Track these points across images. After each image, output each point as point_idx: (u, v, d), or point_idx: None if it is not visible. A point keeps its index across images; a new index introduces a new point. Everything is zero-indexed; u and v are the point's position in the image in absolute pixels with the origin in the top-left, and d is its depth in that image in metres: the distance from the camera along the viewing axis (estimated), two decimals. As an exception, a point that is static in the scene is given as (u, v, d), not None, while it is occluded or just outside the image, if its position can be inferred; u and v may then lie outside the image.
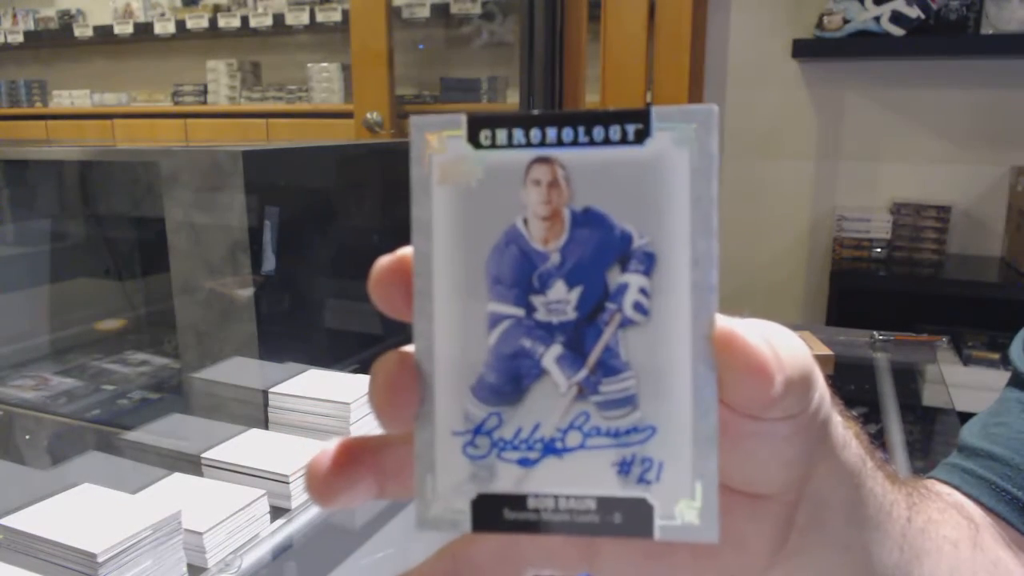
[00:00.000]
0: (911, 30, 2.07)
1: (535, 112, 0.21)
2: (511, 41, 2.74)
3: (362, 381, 0.92)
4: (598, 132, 0.21)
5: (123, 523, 0.62)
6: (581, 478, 0.21)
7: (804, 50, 2.21)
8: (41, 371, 1.33)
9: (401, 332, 0.24)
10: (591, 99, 2.25)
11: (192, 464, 0.80)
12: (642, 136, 0.20)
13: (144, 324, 1.57)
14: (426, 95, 3.04)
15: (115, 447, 0.91)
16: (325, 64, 3.18)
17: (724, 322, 0.21)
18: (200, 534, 0.67)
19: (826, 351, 1.14)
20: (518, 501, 0.21)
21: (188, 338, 1.10)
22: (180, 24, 3.40)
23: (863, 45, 2.15)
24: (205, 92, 3.48)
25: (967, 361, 1.97)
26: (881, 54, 2.23)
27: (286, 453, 0.80)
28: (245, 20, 3.28)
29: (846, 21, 2.13)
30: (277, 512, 0.76)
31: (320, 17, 3.13)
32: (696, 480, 0.21)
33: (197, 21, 3.36)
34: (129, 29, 3.50)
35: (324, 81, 3.18)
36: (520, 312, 0.21)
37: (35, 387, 1.25)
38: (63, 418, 1.14)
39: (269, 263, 1.06)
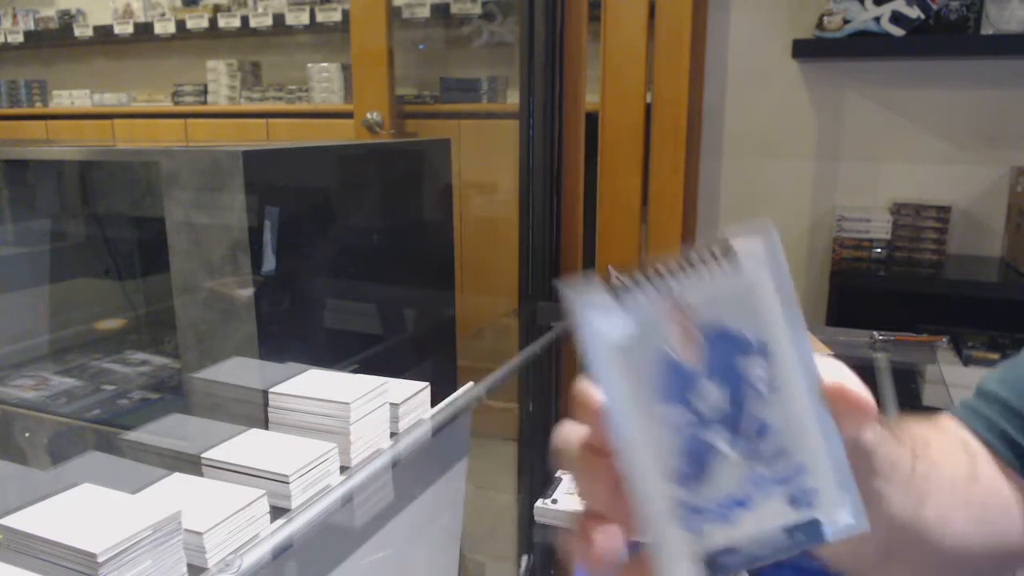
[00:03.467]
0: (911, 30, 2.07)
1: (655, 267, 0.28)
2: (511, 41, 2.74)
3: (362, 381, 0.92)
4: (704, 271, 0.28)
5: (123, 523, 0.62)
6: (767, 518, 0.29)
7: (804, 50, 2.21)
8: (41, 371, 1.33)
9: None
10: (591, 99, 2.25)
11: (192, 464, 0.80)
12: (734, 266, 0.28)
13: (144, 324, 1.57)
14: (426, 95, 3.04)
15: (115, 447, 0.91)
16: (325, 64, 3.18)
17: (828, 375, 0.29)
18: (200, 534, 0.67)
19: (826, 351, 1.14)
20: (730, 550, 0.29)
21: (188, 338, 1.10)
22: (180, 24, 3.40)
23: (863, 45, 2.15)
24: (205, 92, 3.47)
25: (967, 361, 1.96)
26: (881, 54, 2.23)
27: (286, 453, 0.80)
28: (245, 20, 3.28)
29: (846, 21, 2.13)
30: (277, 512, 0.76)
31: (320, 17, 3.12)
32: (843, 492, 0.28)
33: (197, 21, 3.36)
34: (129, 29, 3.50)
35: (324, 81, 3.18)
36: (689, 415, 0.29)
37: (35, 387, 1.25)
38: (63, 418, 1.14)
39: (269, 263, 1.06)
